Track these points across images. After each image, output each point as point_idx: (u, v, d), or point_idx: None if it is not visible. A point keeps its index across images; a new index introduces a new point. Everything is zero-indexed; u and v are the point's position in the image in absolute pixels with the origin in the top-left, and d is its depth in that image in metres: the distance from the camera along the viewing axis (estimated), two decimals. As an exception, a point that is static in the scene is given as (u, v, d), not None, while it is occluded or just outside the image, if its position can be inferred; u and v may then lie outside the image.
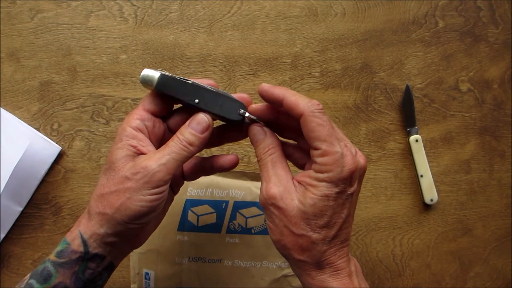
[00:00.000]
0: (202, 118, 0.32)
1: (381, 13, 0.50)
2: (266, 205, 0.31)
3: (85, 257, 0.31)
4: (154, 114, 0.33)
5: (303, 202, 0.29)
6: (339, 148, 0.29)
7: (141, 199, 0.30)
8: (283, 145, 0.33)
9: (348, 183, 0.29)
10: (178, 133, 0.32)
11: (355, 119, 0.49)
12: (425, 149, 0.49)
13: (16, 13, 0.46)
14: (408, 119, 0.49)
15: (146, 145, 0.32)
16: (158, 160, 0.30)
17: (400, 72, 0.50)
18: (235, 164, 0.35)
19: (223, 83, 0.48)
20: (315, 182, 0.29)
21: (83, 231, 0.31)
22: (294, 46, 0.49)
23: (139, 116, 0.33)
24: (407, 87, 0.49)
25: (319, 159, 0.29)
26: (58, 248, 0.31)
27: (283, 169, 0.32)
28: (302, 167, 0.34)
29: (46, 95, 0.46)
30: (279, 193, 0.30)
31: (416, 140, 0.49)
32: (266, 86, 0.32)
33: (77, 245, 0.30)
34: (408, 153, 0.50)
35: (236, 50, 0.48)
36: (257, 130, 0.33)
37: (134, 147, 0.31)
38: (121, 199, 0.30)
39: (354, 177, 0.30)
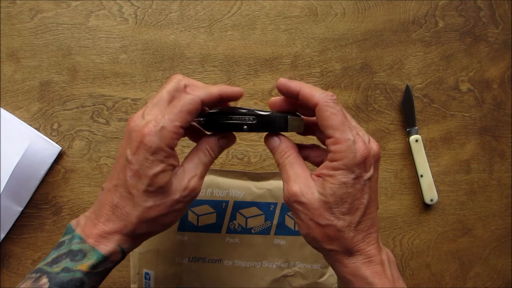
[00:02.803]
0: (232, 141, 0.36)
1: (381, 13, 0.50)
2: (290, 203, 0.32)
3: (121, 261, 0.33)
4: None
5: (323, 193, 0.31)
6: (351, 136, 0.30)
7: (184, 213, 0.34)
8: (299, 148, 0.35)
9: (363, 168, 0.30)
10: (210, 150, 0.35)
11: (355, 119, 0.49)
12: (425, 149, 0.49)
13: (16, 13, 0.46)
14: (408, 119, 0.49)
15: (176, 156, 0.33)
16: (200, 181, 0.33)
17: (400, 72, 0.50)
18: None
19: (223, 83, 0.48)
20: (331, 172, 0.31)
21: (123, 245, 0.32)
22: (294, 46, 0.48)
23: (178, 136, 0.31)
24: (407, 87, 0.49)
25: (332, 147, 0.31)
26: (91, 261, 0.30)
27: (300, 168, 0.33)
28: (319, 165, 0.35)
29: (46, 95, 0.46)
30: (299, 189, 0.32)
31: (416, 140, 0.49)
32: (283, 81, 0.34)
33: (116, 257, 0.32)
34: (408, 153, 0.50)
35: (236, 50, 0.48)
36: (271, 138, 0.35)
37: (172, 165, 0.32)
38: (172, 218, 0.33)
39: (368, 162, 0.31)
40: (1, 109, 0.46)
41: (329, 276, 0.46)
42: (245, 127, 0.36)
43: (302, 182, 0.32)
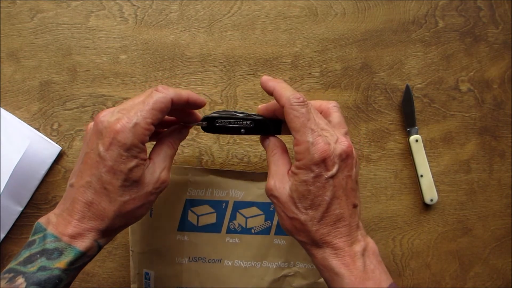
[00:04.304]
0: (187, 133, 0.39)
1: (381, 13, 0.49)
2: (268, 196, 0.36)
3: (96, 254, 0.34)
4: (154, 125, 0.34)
5: (291, 188, 0.34)
6: (311, 138, 0.32)
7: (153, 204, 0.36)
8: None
9: (324, 168, 0.32)
10: (173, 143, 0.37)
11: (355, 119, 0.49)
12: (425, 149, 0.49)
13: (16, 13, 0.46)
14: (408, 119, 0.49)
15: (146, 152, 0.34)
16: (168, 173, 0.36)
17: (400, 72, 0.50)
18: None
19: (223, 83, 0.48)
20: (296, 170, 0.33)
21: (100, 240, 0.33)
22: (294, 46, 0.48)
23: (149, 132, 0.33)
24: (407, 87, 0.49)
25: (295, 148, 0.33)
26: (68, 258, 0.31)
27: (282, 165, 0.36)
28: None
29: (46, 95, 0.46)
30: (273, 184, 0.35)
31: (416, 140, 0.49)
32: (263, 78, 0.37)
33: (92, 251, 0.32)
34: (408, 153, 0.50)
35: (236, 50, 0.48)
36: (263, 139, 0.39)
37: (144, 159, 0.33)
38: (145, 210, 0.34)
39: (329, 161, 0.32)
40: (1, 109, 0.46)
41: (329, 276, 0.46)
42: (243, 130, 0.39)
43: (278, 178, 0.35)
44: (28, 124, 0.46)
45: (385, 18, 0.50)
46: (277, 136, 0.39)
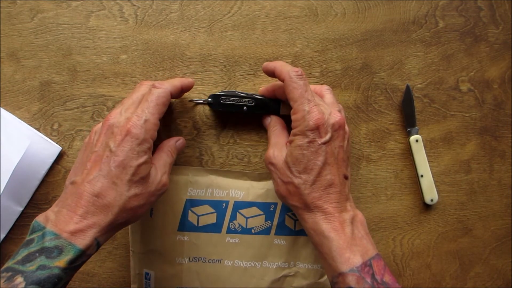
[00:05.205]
0: (184, 142, 0.43)
1: (381, 13, 0.49)
2: (266, 165, 0.39)
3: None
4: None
5: (287, 154, 0.37)
6: (307, 107, 0.36)
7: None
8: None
9: (317, 134, 0.35)
10: (172, 151, 0.40)
11: (355, 119, 0.49)
12: (425, 149, 0.49)
13: (16, 13, 0.46)
14: (408, 119, 0.49)
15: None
16: (168, 178, 0.38)
17: (400, 72, 0.50)
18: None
19: (223, 83, 0.48)
20: (292, 137, 0.37)
21: (99, 238, 0.32)
22: (294, 46, 0.48)
23: (157, 127, 0.35)
24: (407, 87, 0.49)
25: (293, 116, 0.37)
26: (69, 257, 0.30)
27: (281, 137, 0.40)
28: None
29: (46, 95, 0.46)
30: (273, 153, 0.39)
31: (416, 140, 0.49)
32: (264, 64, 0.42)
33: (92, 250, 0.32)
34: (408, 153, 0.50)
35: (236, 50, 0.48)
36: (266, 118, 0.45)
37: (151, 159, 0.35)
38: (145, 210, 0.35)
39: (323, 129, 0.35)
40: (1, 109, 0.46)
41: (329, 276, 0.46)
42: (245, 108, 0.44)
43: (277, 148, 0.39)
44: (28, 124, 0.46)
45: (385, 18, 0.50)
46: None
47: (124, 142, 0.33)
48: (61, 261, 0.30)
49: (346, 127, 0.38)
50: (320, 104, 0.37)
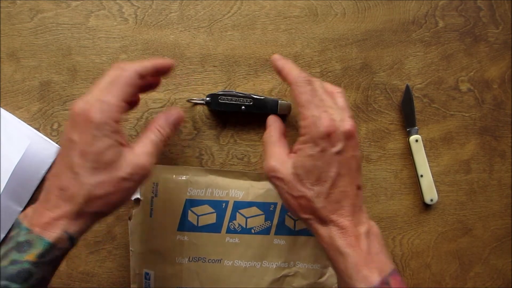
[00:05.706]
0: (180, 115, 0.38)
1: (381, 13, 0.49)
2: (269, 177, 0.36)
3: (69, 249, 0.32)
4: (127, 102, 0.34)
5: (295, 165, 0.34)
6: (317, 112, 0.34)
7: (135, 192, 0.34)
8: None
9: (328, 142, 0.33)
10: (159, 127, 0.36)
11: (355, 119, 0.49)
12: (425, 149, 0.49)
13: (16, 13, 0.46)
14: (408, 119, 0.49)
15: (124, 135, 0.33)
16: (150, 158, 0.34)
17: (400, 72, 0.50)
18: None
19: (223, 83, 0.48)
20: (301, 146, 0.34)
21: (69, 230, 0.31)
22: (294, 46, 0.48)
23: (121, 109, 0.32)
24: (407, 87, 0.49)
25: (301, 122, 0.34)
26: (38, 250, 0.30)
27: (279, 147, 0.37)
28: None
29: (46, 95, 0.46)
30: (274, 165, 0.35)
31: (416, 140, 0.49)
32: (274, 56, 0.39)
33: (63, 244, 0.31)
34: (408, 153, 0.50)
35: (236, 50, 0.48)
36: (268, 118, 0.41)
37: (120, 142, 0.32)
38: (120, 198, 0.33)
39: (334, 137, 0.33)
40: (1, 109, 0.46)
41: (329, 276, 0.46)
42: (243, 107, 0.44)
43: (277, 159, 0.36)
44: (28, 124, 0.46)
45: (385, 18, 0.50)
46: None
47: (84, 129, 0.31)
48: (31, 255, 0.30)
49: (356, 135, 0.35)
50: (331, 107, 0.35)
